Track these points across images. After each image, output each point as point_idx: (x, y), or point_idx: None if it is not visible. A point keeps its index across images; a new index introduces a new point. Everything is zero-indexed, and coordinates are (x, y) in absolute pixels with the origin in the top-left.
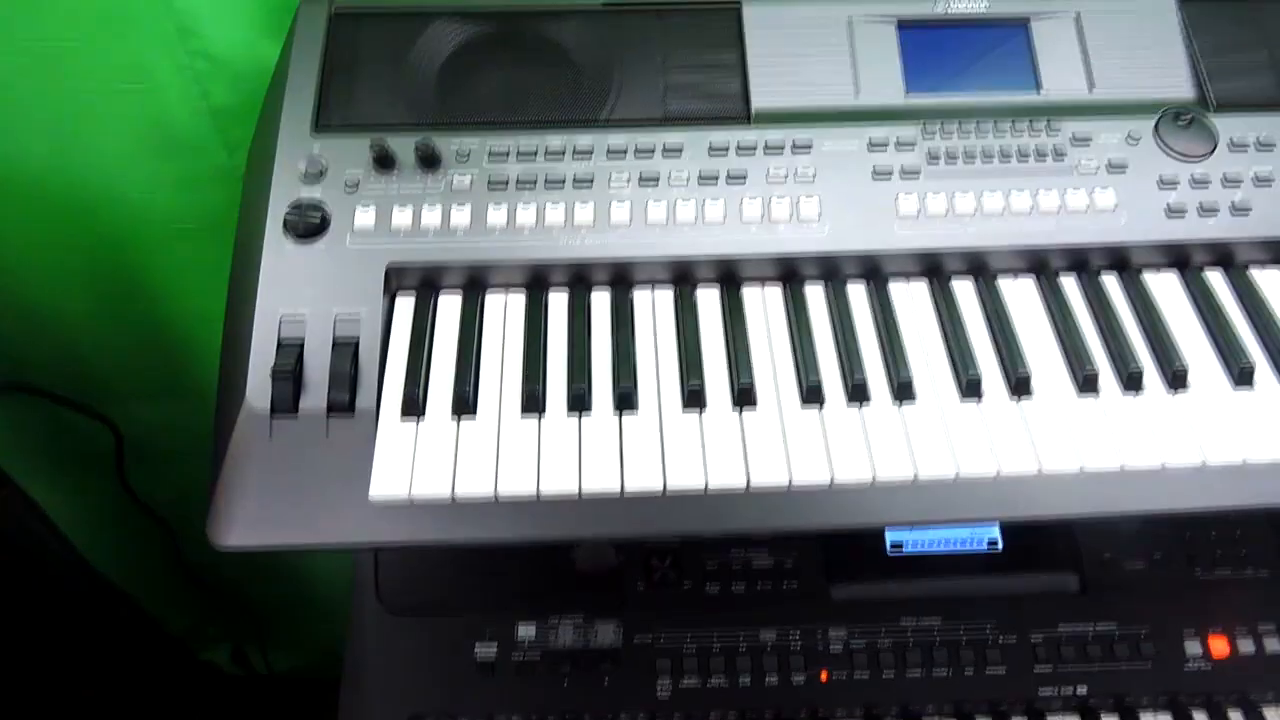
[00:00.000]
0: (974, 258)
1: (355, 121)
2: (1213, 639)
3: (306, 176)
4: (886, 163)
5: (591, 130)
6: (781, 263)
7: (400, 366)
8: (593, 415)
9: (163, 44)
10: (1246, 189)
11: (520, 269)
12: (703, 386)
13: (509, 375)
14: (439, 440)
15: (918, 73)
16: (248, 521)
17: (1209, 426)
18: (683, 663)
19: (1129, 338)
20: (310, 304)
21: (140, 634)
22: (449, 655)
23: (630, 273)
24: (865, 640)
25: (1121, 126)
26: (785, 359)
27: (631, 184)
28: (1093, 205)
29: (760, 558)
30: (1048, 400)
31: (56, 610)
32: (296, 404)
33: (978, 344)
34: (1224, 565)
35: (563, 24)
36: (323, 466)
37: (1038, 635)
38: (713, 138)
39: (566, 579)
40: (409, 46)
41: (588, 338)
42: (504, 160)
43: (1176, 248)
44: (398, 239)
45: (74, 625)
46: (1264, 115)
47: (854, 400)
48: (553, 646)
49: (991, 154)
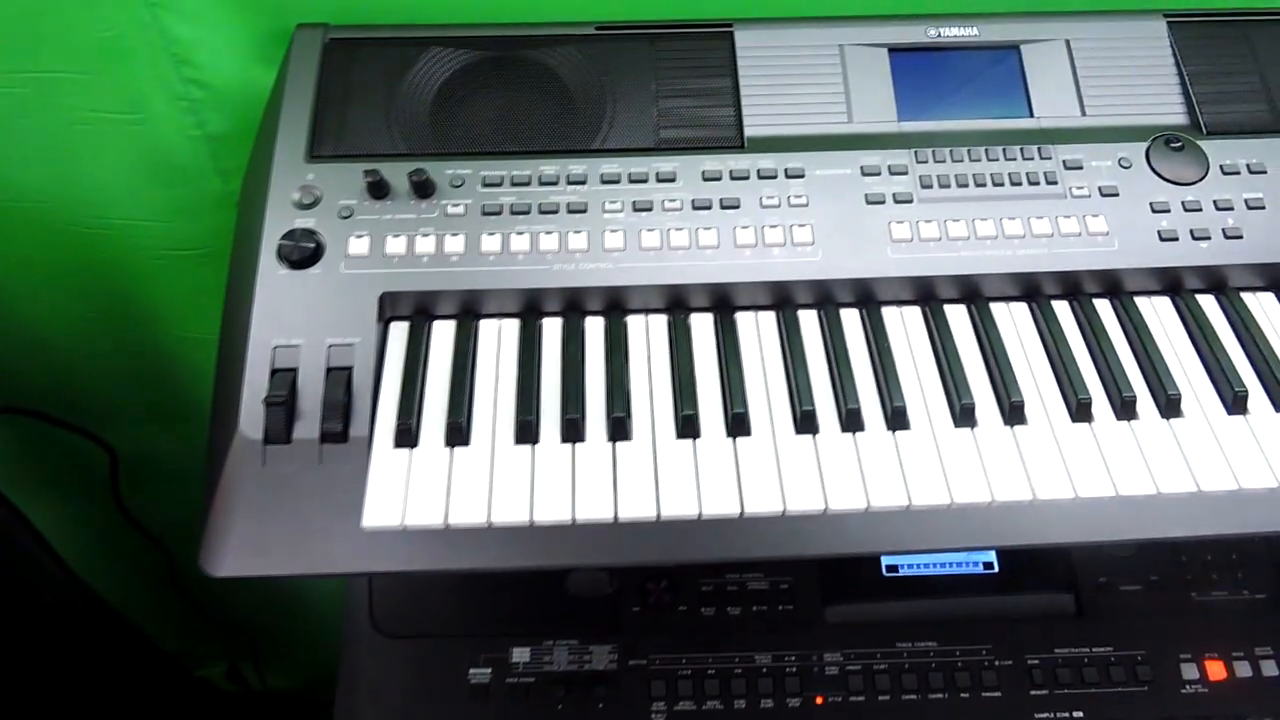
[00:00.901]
0: (967, 283)
1: (350, 149)
2: (1209, 663)
3: (300, 204)
4: (879, 189)
5: (585, 157)
6: (775, 289)
7: (394, 395)
8: (586, 443)
9: (157, 73)
10: (1238, 214)
11: (514, 296)
12: (696, 414)
13: (502, 403)
14: (432, 469)
15: (910, 98)
16: (240, 550)
17: (1203, 453)
18: (677, 686)
19: (1122, 364)
20: (304, 332)
21: (135, 652)
22: (442, 678)
23: (624, 299)
24: (861, 664)
25: (1113, 151)
26: (779, 386)
27: (625, 211)
28: (1085, 230)
29: (756, 581)
30: (1041, 427)
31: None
32: (290, 432)
33: (971, 370)
34: (1221, 588)
35: (555, 49)
36: (316, 495)
37: (1034, 658)
38: (706, 164)
39: (561, 602)
40: (403, 73)
41: (581, 365)
42: (498, 188)
43: (1169, 273)
44: (392, 266)
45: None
46: (1255, 140)
47: (848, 428)
48: (547, 670)
49: (984, 179)
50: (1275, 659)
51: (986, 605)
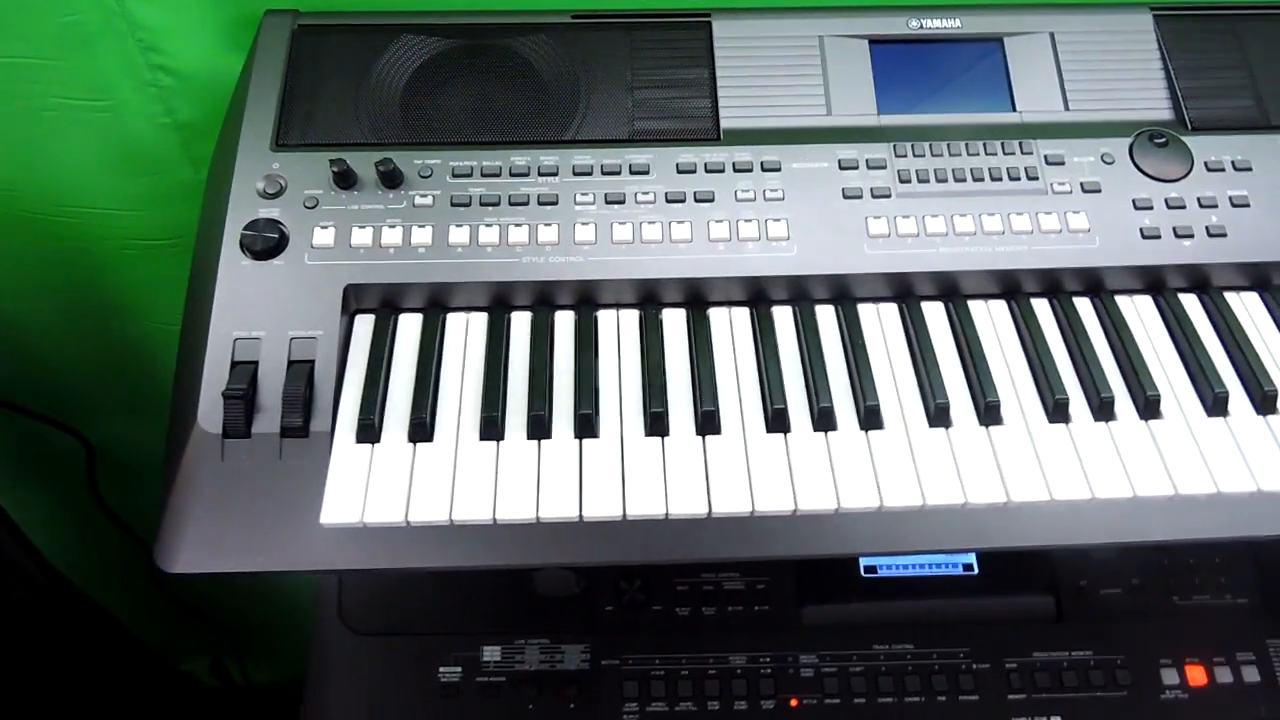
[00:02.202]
0: (945, 280)
1: (317, 138)
2: (1189, 668)
3: (265, 194)
4: (857, 183)
5: (557, 148)
6: (749, 284)
7: (356, 389)
8: (552, 440)
9: (124, 60)
10: (1222, 211)
11: (482, 289)
12: (665, 412)
13: (468, 399)
14: (394, 466)
15: (890, 92)
16: (196, 546)
17: (1181, 455)
18: (650, 686)
19: (1101, 364)
20: (266, 324)
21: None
22: (412, 676)
23: (595, 293)
24: (836, 666)
25: (1096, 147)
26: (751, 384)
27: (597, 203)
28: (1066, 227)
29: (732, 581)
30: (1017, 427)
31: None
32: (249, 426)
33: (947, 369)
34: (1202, 592)
35: (530, 38)
36: (275, 491)
37: (1012, 662)
38: (681, 157)
39: (534, 601)
40: (374, 61)
41: (550, 360)
42: (467, 178)
43: (1151, 271)
44: (357, 258)
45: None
46: (1241, 136)
47: (820, 427)
48: (518, 669)
49: (964, 175)
50: (1257, 664)
51: (965, 607)
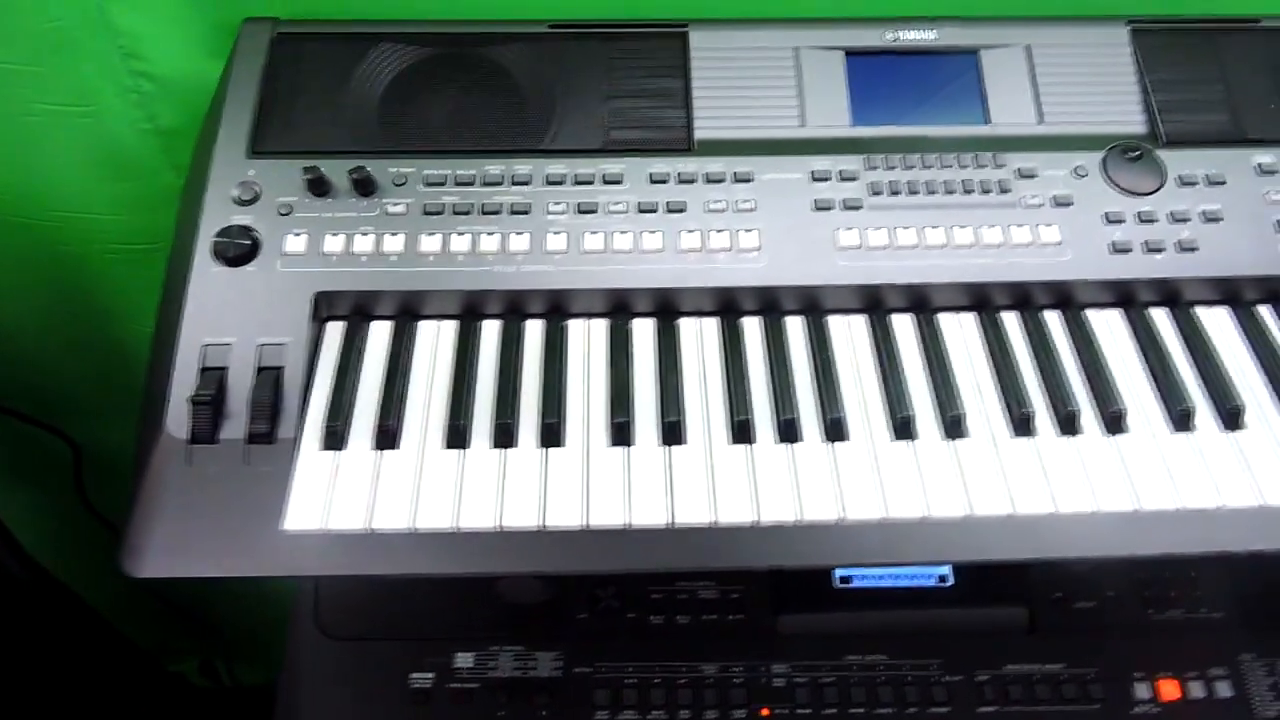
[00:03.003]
0: (915, 292)
1: (293, 145)
2: (1162, 683)
3: (239, 201)
4: (828, 194)
5: (531, 157)
6: (719, 295)
7: (324, 396)
8: (518, 449)
9: (105, 67)
10: (1194, 226)
11: (453, 297)
12: (629, 422)
13: (435, 407)
14: (359, 472)
15: (865, 103)
16: (161, 551)
17: (1145, 471)
18: (622, 695)
19: (1067, 377)
20: (236, 330)
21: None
22: (384, 682)
23: (566, 302)
24: (808, 676)
25: (1069, 160)
26: (718, 395)
27: (569, 212)
28: (1036, 240)
29: (706, 589)
30: (981, 441)
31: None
32: (216, 432)
33: (913, 382)
34: (1177, 607)
35: (507, 48)
36: (241, 497)
37: (984, 674)
38: (654, 167)
39: (509, 608)
40: (352, 69)
41: (518, 370)
42: (440, 187)
43: (1121, 285)
44: (329, 265)
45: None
46: (1215, 150)
47: (784, 438)
48: (490, 676)
49: (936, 187)
50: (1230, 680)
51: (939, 619)
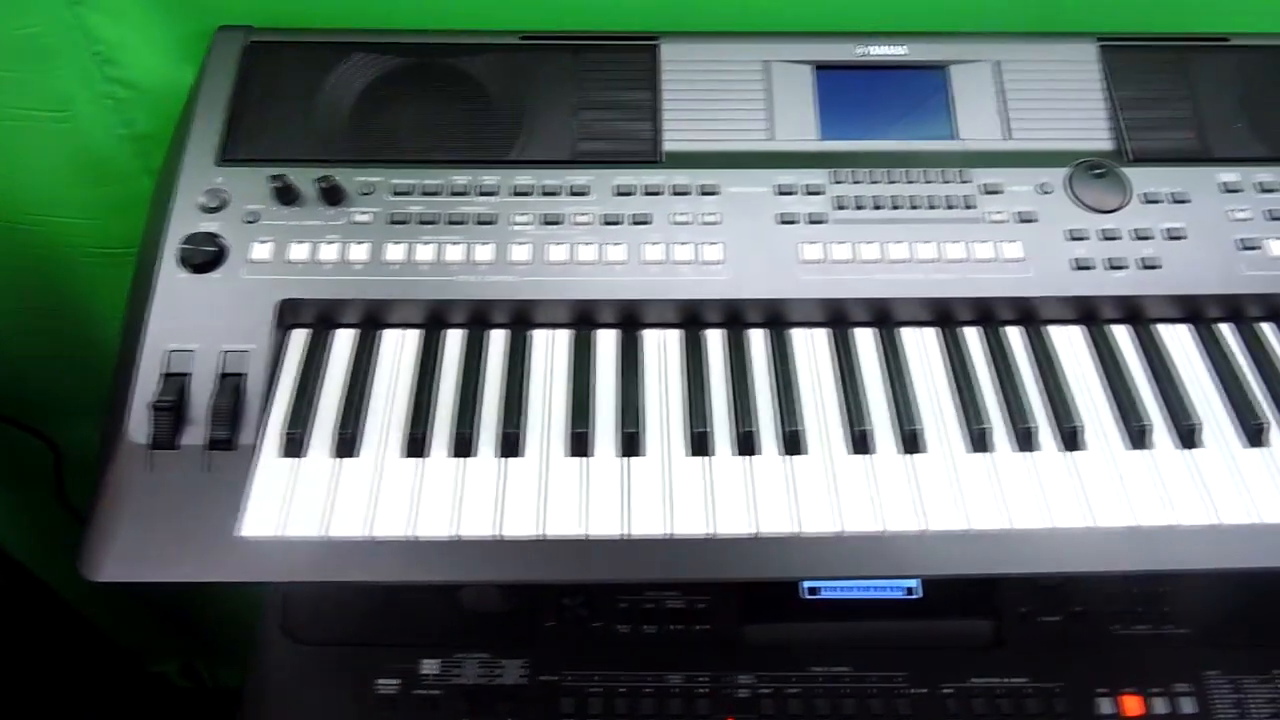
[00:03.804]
0: (877, 307)
1: (262, 153)
2: (1125, 698)
3: (206, 208)
4: (793, 208)
5: (499, 168)
6: (682, 307)
7: (285, 403)
8: (476, 459)
9: (81, 72)
10: (1157, 244)
11: (418, 307)
12: (588, 432)
13: (396, 415)
14: (317, 480)
15: (833, 117)
16: (121, 556)
17: (1101, 487)
18: (587, 703)
19: (1026, 394)
20: (200, 337)
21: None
22: (350, 687)
23: (530, 313)
24: (773, 686)
25: (1034, 176)
26: (677, 407)
27: (534, 224)
28: (999, 256)
29: (674, 599)
30: (938, 455)
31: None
32: (177, 438)
33: (873, 396)
34: (1143, 622)
35: (478, 58)
36: (200, 502)
37: (949, 687)
38: (620, 179)
39: (476, 615)
40: (323, 78)
41: (480, 380)
42: (407, 196)
43: (1084, 302)
44: (294, 273)
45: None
46: (1181, 168)
47: (742, 451)
48: (455, 683)
49: (901, 202)
50: (1194, 696)
51: (906, 631)
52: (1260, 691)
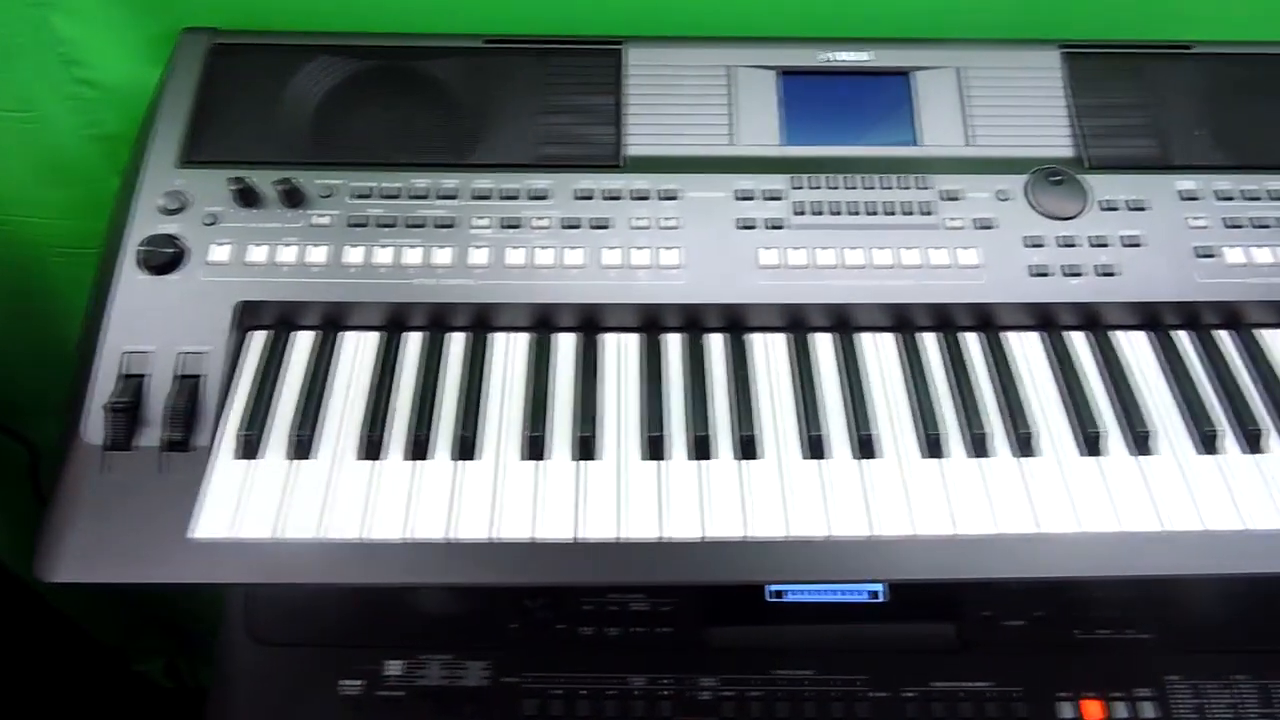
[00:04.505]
0: (836, 312)
1: (225, 155)
2: (1086, 703)
3: (166, 210)
4: (752, 213)
5: (460, 171)
6: (641, 311)
7: (241, 405)
8: (431, 461)
9: (46, 73)
10: (1114, 251)
11: (376, 309)
12: (543, 436)
13: (353, 417)
14: (271, 482)
15: (796, 123)
16: (74, 557)
17: (1050, 493)
18: (549, 705)
19: (980, 399)
20: (157, 338)
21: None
22: (314, 688)
23: (489, 317)
24: (735, 689)
25: (993, 183)
26: (633, 411)
27: (493, 227)
28: (955, 263)
29: (638, 602)
30: (891, 461)
31: None
32: (132, 439)
33: (829, 401)
34: (1105, 626)
35: (443, 61)
36: (155, 504)
37: (910, 691)
38: (580, 183)
39: (441, 616)
40: (287, 81)
41: (438, 382)
42: (367, 199)
43: (1041, 308)
44: (252, 275)
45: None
46: (1139, 175)
47: (696, 455)
48: (418, 684)
49: (859, 208)
50: (1155, 701)
51: (868, 634)
52: (1221, 696)
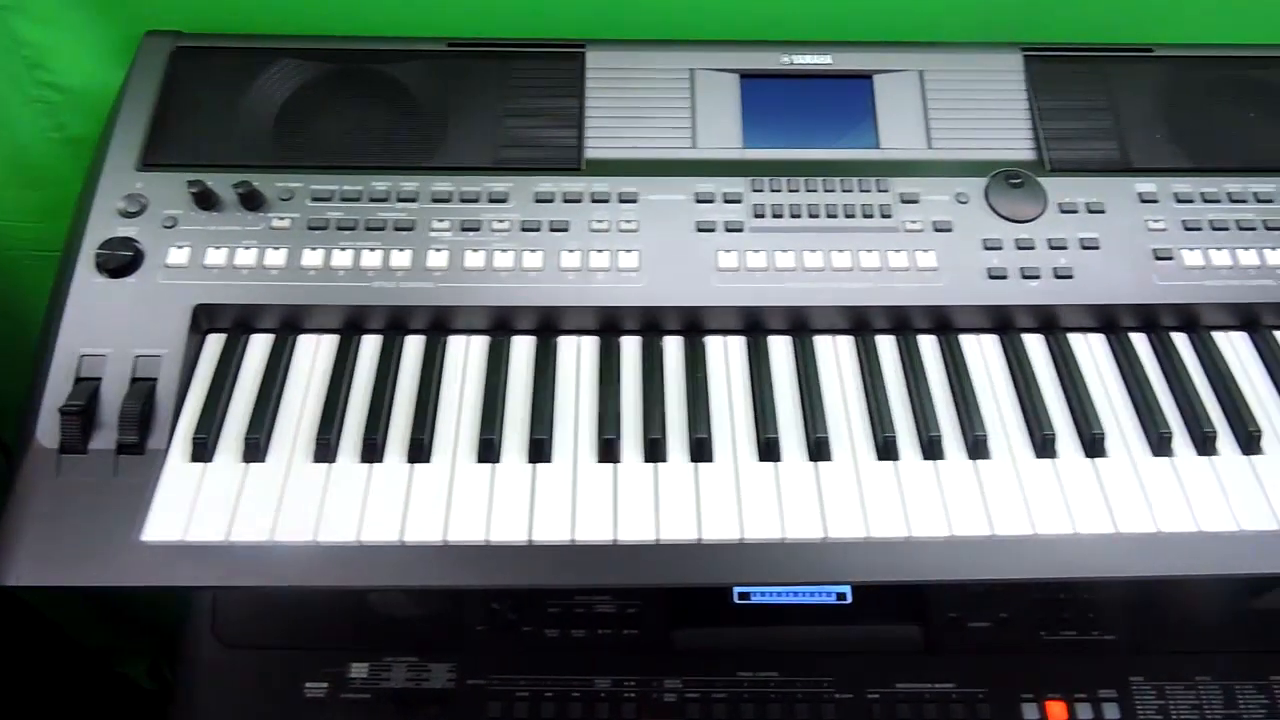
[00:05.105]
0: (794, 315)
1: (185, 159)
2: (1050, 704)
3: (125, 213)
4: (711, 216)
5: (420, 174)
6: (599, 314)
7: (195, 408)
8: (383, 465)
9: (10, 75)
10: (1072, 254)
11: (334, 312)
12: (495, 439)
13: (307, 420)
14: (223, 485)
15: (757, 126)
16: (28, 561)
17: (1004, 496)
18: (514, 708)
19: (933, 402)
20: (113, 341)
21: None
22: (279, 691)
23: (447, 319)
24: (699, 692)
25: (952, 186)
26: (588, 413)
27: (452, 230)
28: (913, 266)
29: (604, 604)
30: (844, 464)
31: None
32: (86, 442)
33: (782, 404)
34: (1071, 628)
35: (405, 65)
36: (109, 507)
37: (874, 693)
38: (540, 186)
39: (407, 619)
40: (249, 84)
41: (392, 386)
42: (326, 202)
43: (998, 311)
44: (209, 278)
45: None
46: (1099, 178)
47: (649, 458)
48: (383, 686)
49: (818, 211)
50: (1119, 702)
51: (834, 637)
52: (1184, 698)
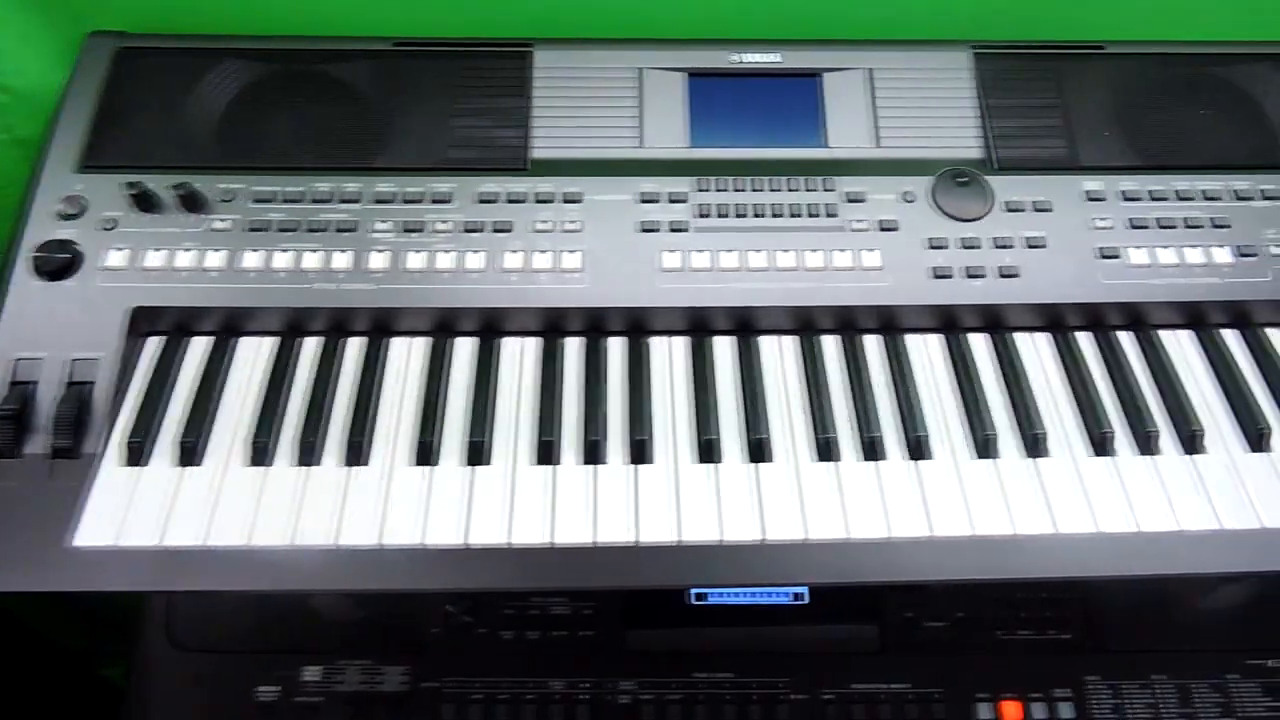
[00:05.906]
0: (738, 315)
1: (126, 160)
2: (1005, 704)
3: (64, 215)
4: (656, 216)
5: (364, 175)
6: (542, 315)
7: (131, 412)
8: (320, 468)
9: None
10: (1017, 252)
11: (275, 314)
12: (432, 441)
13: (244, 423)
14: (157, 489)
15: (704, 125)
16: None
17: (943, 496)
18: (467, 711)
19: (874, 402)
20: (50, 345)
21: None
22: (231, 694)
23: (389, 321)
24: (654, 693)
25: (899, 185)
26: (528, 415)
27: (394, 231)
28: (858, 265)
29: (559, 605)
30: (784, 465)
31: None
32: (20, 446)
33: (725, 405)
34: (1027, 627)
35: (351, 65)
36: (42, 511)
37: (829, 693)
38: (484, 186)
39: (361, 622)
40: (193, 85)
41: (331, 388)
42: (268, 204)
43: (943, 310)
44: (148, 280)
45: None
46: (1045, 176)
47: (588, 460)
48: (336, 689)
49: (763, 210)
50: (1073, 701)
51: (790, 637)
52: (1139, 696)
